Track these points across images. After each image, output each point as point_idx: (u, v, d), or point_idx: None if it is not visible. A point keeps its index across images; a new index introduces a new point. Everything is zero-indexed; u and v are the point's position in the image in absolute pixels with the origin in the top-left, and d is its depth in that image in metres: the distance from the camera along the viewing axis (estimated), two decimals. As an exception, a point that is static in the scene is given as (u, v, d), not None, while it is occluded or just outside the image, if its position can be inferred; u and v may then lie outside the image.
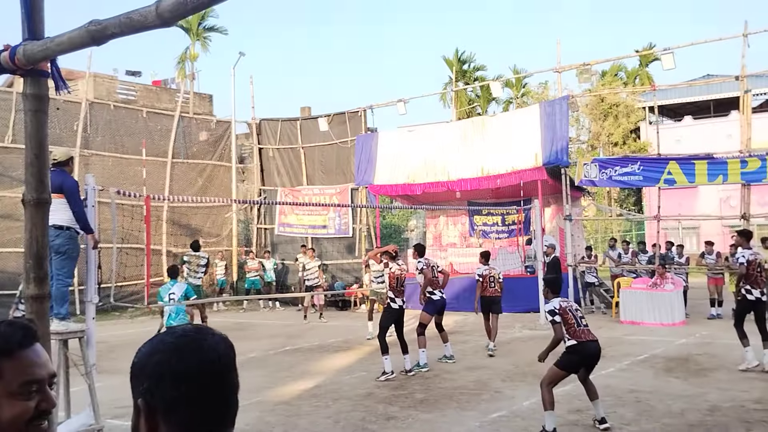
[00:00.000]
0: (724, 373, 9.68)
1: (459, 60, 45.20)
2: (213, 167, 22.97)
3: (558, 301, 7.28)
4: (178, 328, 1.42)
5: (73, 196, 6.95)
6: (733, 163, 15.87)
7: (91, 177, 7.92)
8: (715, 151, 17.00)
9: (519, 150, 18.19)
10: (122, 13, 2.01)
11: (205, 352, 1.34)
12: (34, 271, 3.01)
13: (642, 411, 7.85)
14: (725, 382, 9.14)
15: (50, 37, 2.45)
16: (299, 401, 8.90)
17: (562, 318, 7.11)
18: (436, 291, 11.23)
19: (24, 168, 2.92)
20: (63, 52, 2.42)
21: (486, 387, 9.37)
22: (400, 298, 10.59)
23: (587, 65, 18.69)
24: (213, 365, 1.34)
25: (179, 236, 21.52)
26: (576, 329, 7.11)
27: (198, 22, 36.94)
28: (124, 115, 21.00)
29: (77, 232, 7.20)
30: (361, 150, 20.99)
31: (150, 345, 1.39)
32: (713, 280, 16.48)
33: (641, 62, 42.35)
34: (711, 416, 7.58)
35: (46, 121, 2.79)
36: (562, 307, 7.17)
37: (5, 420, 1.41)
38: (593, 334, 7.27)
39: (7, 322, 1.50)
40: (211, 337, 1.38)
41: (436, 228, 22.92)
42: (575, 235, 19.01)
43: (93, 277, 7.65)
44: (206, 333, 1.39)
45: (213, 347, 1.36)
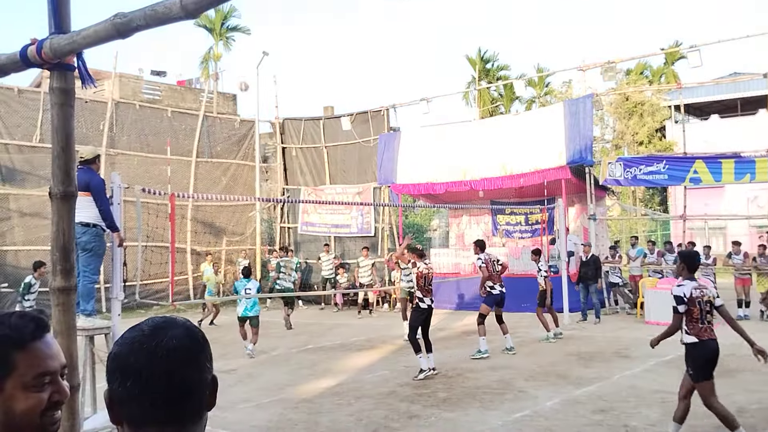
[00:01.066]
0: (752, 375, 9.54)
1: (482, 59, 45.02)
2: (237, 166, 23.11)
3: (691, 287, 6.40)
4: (144, 322, 1.39)
5: (100, 194, 7.03)
6: (761, 162, 15.64)
7: (117, 175, 8.00)
8: (743, 150, 16.77)
9: (542, 149, 18.08)
10: (147, 6, 2.02)
11: (153, 349, 1.31)
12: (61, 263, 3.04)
13: (667, 412, 7.75)
14: (753, 383, 9.02)
15: (76, 30, 2.48)
16: (321, 399, 8.92)
17: (687, 309, 6.36)
18: (496, 285, 11.95)
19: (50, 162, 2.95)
20: (89, 45, 2.44)
21: (509, 386, 9.32)
22: (428, 298, 10.54)
23: (612, 63, 18.50)
24: (163, 361, 1.31)
25: (203, 234, 21.70)
26: (698, 325, 6.39)
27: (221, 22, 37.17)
28: (149, 114, 21.20)
29: (103, 229, 7.28)
30: (383, 149, 20.99)
31: (120, 338, 1.38)
32: (740, 280, 16.25)
33: (667, 60, 41.87)
34: (739, 417, 7.46)
35: (72, 114, 2.82)
36: (693, 297, 6.34)
37: (20, 412, 1.42)
38: (714, 333, 6.51)
39: (19, 314, 1.49)
40: (172, 331, 1.34)
41: (458, 227, 22.85)
42: (599, 234, 18.85)
43: (118, 274, 7.73)
44: (168, 327, 1.35)
45: (164, 344, 1.32)
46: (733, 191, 30.63)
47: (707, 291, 6.49)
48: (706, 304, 6.42)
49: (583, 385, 9.21)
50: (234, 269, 22.16)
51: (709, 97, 37.19)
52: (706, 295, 6.44)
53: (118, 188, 7.75)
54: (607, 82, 20.74)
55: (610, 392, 8.75)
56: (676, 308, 6.42)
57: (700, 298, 6.38)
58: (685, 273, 6.59)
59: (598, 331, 14.53)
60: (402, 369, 10.73)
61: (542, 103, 41.51)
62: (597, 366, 10.62)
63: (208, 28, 38.01)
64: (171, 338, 1.33)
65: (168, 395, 1.31)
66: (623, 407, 7.99)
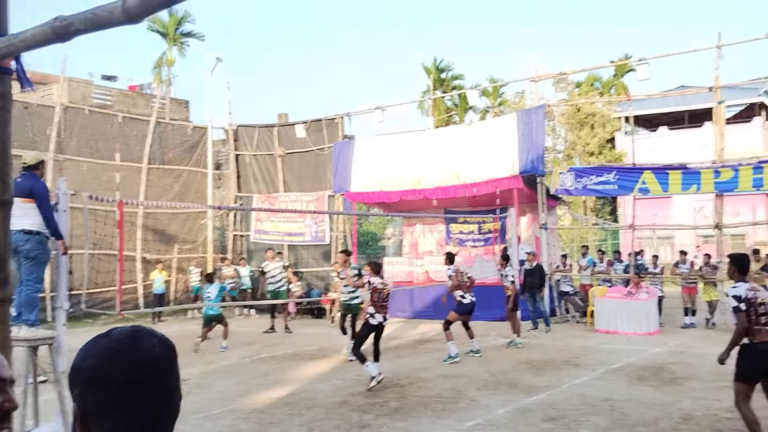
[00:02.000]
0: (698, 382, 9.75)
1: (437, 68, 45.39)
2: (189, 173, 22.79)
3: (745, 288, 6.19)
4: (114, 330, 1.35)
5: (43, 201, 6.83)
6: (706, 173, 16.05)
7: (63, 181, 7.80)
8: (689, 162, 17.19)
9: (495, 159, 18.26)
10: (88, 9, 1.96)
11: (138, 356, 1.28)
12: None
13: (616, 419, 7.87)
14: (698, 390, 9.21)
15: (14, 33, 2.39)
16: (273, 409, 8.82)
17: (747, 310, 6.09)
18: (467, 294, 12.36)
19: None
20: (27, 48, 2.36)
21: (461, 395, 9.34)
22: (380, 314, 10.39)
23: (564, 75, 18.82)
24: (146, 370, 1.28)
25: (154, 242, 21.32)
26: (752, 328, 6.12)
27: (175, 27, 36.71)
28: (100, 119, 20.78)
29: (47, 237, 7.07)
30: (338, 157, 20.94)
31: (85, 349, 1.33)
32: (687, 289, 16.63)
33: (617, 73, 42.82)
34: (684, 425, 7.62)
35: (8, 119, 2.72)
36: (748, 298, 6.11)
37: None
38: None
39: None
40: (148, 340, 1.32)
41: (412, 236, 22.91)
42: (551, 244, 19.09)
43: (64, 283, 7.52)
44: (142, 336, 1.33)
45: (147, 351, 1.30)
46: (680, 202, 31.40)
47: (761, 293, 6.28)
48: (760, 305, 6.18)
49: (534, 394, 9.29)
50: (186, 277, 21.83)
51: (657, 110, 38.09)
52: (759, 297, 6.22)
53: (64, 195, 7.54)
54: (559, 93, 21.14)
55: (561, 400, 8.84)
56: (738, 307, 6.15)
57: (755, 299, 6.19)
58: (737, 276, 6.45)
59: (549, 339, 14.69)
60: (354, 379, 10.68)
61: (496, 114, 41.98)
62: (548, 374, 10.73)
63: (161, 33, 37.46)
64: (151, 346, 1.31)
65: (153, 404, 1.29)
66: (573, 415, 8.08)
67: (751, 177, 15.55)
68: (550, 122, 30.45)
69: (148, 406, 1.28)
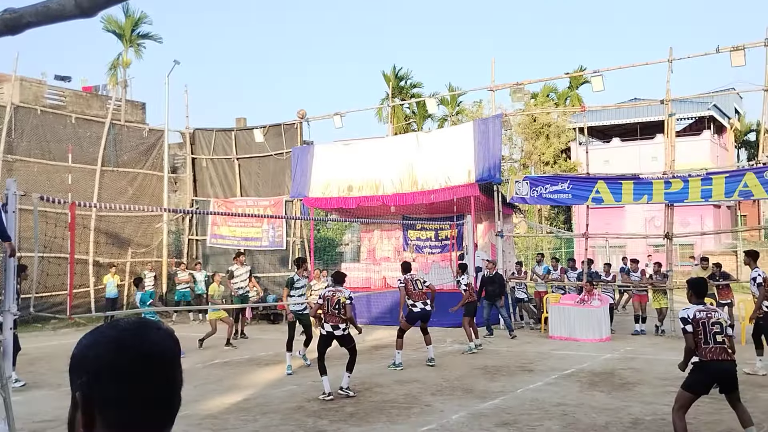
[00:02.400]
0: (647, 387, 9.94)
1: (396, 76, 45.56)
2: (144, 176, 22.45)
3: (695, 309, 6.64)
4: (121, 321, 1.34)
5: (-10, 201, 6.67)
6: (657, 184, 16.42)
7: (13, 182, 7.63)
8: (641, 172, 17.57)
9: (453, 166, 18.42)
10: (40, 2, 1.92)
11: (144, 348, 1.27)
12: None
13: (568, 424, 7.99)
14: (648, 396, 9.39)
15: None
16: (227, 415, 8.73)
17: (693, 329, 6.53)
18: (418, 302, 12.33)
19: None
20: (-24, 40, 2.31)
21: (416, 401, 9.37)
22: (329, 323, 9.90)
23: (520, 85, 19.08)
24: (155, 362, 1.27)
25: (107, 245, 20.91)
26: (702, 346, 6.49)
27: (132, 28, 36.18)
28: (52, 120, 20.33)
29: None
30: (296, 162, 20.87)
31: (91, 337, 1.31)
32: (638, 297, 16.95)
33: (572, 84, 43.55)
34: (634, 429, 7.77)
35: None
36: (696, 318, 6.54)
37: None
38: (729, 354, 6.56)
39: None
40: (156, 332, 1.31)
41: (370, 242, 22.94)
42: (506, 251, 19.31)
43: (11, 286, 7.34)
44: (151, 327, 1.32)
45: (157, 342, 1.29)
46: (632, 212, 32.08)
47: (715, 314, 6.70)
48: (713, 325, 6.54)
49: (488, 399, 9.37)
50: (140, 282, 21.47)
51: (611, 121, 38.88)
52: (713, 317, 6.60)
53: (14, 195, 7.38)
54: (516, 103, 21.41)
55: (514, 405, 8.93)
56: (684, 329, 6.63)
57: (706, 319, 6.55)
58: (693, 299, 6.89)
59: (504, 345, 14.83)
60: (310, 384, 10.64)
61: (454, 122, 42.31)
62: (502, 380, 10.83)
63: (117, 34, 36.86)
64: (158, 339, 1.30)
65: (160, 397, 1.28)
66: (526, 420, 8.17)
67: (700, 188, 15.96)
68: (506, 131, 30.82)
69: (152, 398, 1.27)
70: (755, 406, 8.64)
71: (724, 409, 8.42)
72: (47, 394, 10.08)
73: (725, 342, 6.58)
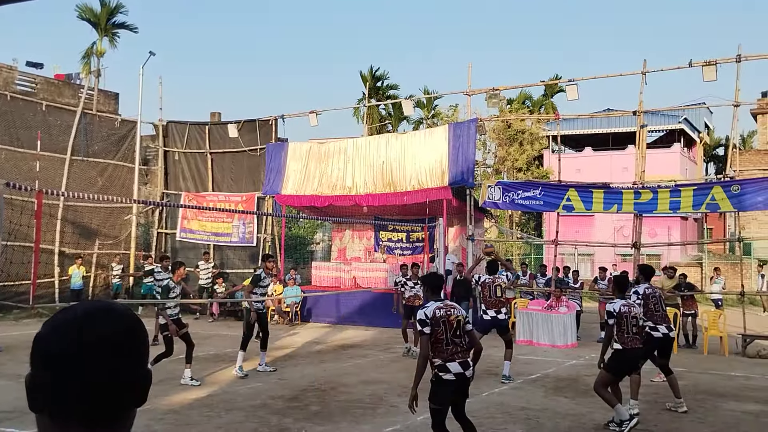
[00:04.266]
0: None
1: (373, 76, 45.52)
2: (115, 167, 22.16)
3: (620, 304, 7.59)
4: (77, 305, 1.28)
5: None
6: (627, 194, 16.61)
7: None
8: (612, 182, 17.76)
9: (427, 169, 18.46)
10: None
11: (82, 334, 1.21)
12: None
13: (531, 428, 8.05)
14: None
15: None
16: (190, 410, 8.64)
17: (617, 322, 7.45)
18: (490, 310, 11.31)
19: None
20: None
21: (381, 401, 9.37)
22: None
23: (496, 90, 19.18)
24: (92, 349, 1.20)
25: (73, 235, 20.59)
26: (624, 336, 7.53)
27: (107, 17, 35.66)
28: (22, 107, 19.98)
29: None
30: (270, 159, 20.76)
31: (48, 320, 1.28)
32: (605, 304, 17.10)
33: (546, 92, 43.88)
34: (595, 434, 7.84)
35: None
36: (621, 312, 7.48)
37: None
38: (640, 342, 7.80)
39: None
40: (107, 317, 1.25)
41: (341, 241, 22.89)
42: (477, 255, 19.36)
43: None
44: (103, 313, 1.25)
45: (100, 330, 1.22)
46: (602, 221, 32.41)
47: (635, 309, 7.80)
48: (632, 318, 7.61)
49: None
50: (106, 274, 21.20)
51: (584, 130, 39.28)
52: (632, 312, 7.67)
53: (-21, 181, 7.24)
54: (491, 108, 21.49)
55: (479, 408, 8.96)
56: (607, 322, 7.60)
57: (629, 313, 7.59)
58: (617, 294, 7.93)
59: (471, 349, 14.86)
60: (275, 381, 10.59)
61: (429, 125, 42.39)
62: (468, 383, 10.85)
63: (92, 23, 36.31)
64: (104, 325, 1.23)
65: (95, 386, 1.20)
66: (490, 423, 8.21)
67: (668, 200, 16.18)
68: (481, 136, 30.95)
69: (91, 388, 1.20)
70: (715, 416, 8.78)
71: (684, 418, 8.56)
72: (7, 384, 9.91)
73: (639, 333, 7.81)
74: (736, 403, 9.59)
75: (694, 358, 13.84)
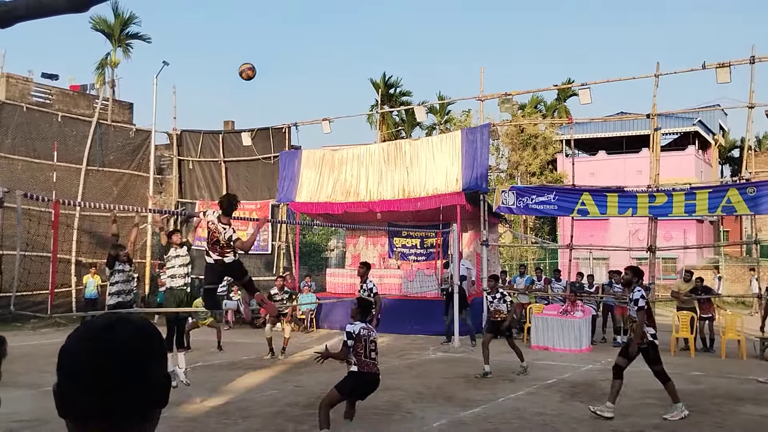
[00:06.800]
0: (626, 400, 9.97)
1: (386, 84, 45.64)
2: (130, 177, 22.33)
3: (360, 327, 7.38)
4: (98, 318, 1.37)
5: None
6: (642, 197, 16.53)
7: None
8: (626, 185, 17.68)
9: (440, 174, 18.47)
10: (33, -4, 1.93)
11: (104, 343, 1.29)
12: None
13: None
14: (626, 408, 9.43)
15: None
16: (207, 418, 8.68)
17: (354, 344, 7.26)
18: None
19: None
20: (-34, 33, 2.30)
21: (398, 407, 9.37)
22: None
23: (509, 95, 19.18)
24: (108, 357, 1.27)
25: (90, 245, 20.75)
26: (362, 359, 7.29)
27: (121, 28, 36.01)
28: (38, 118, 20.20)
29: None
30: (284, 166, 20.86)
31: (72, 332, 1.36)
32: (620, 309, 16.99)
33: (559, 96, 43.80)
34: (613, 439, 7.80)
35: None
36: (359, 335, 7.30)
37: None
38: (377, 368, 7.46)
39: None
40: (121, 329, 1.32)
41: (355, 248, 22.92)
42: (491, 260, 19.34)
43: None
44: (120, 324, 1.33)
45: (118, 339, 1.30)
46: (616, 224, 32.27)
47: (373, 333, 7.54)
48: (371, 342, 7.37)
49: (470, 407, 9.38)
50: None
51: (597, 134, 39.12)
52: (371, 336, 7.44)
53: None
54: (503, 113, 21.50)
55: (495, 414, 8.95)
56: (345, 342, 7.31)
57: (367, 336, 7.35)
58: (358, 317, 7.60)
59: (487, 354, 14.82)
60: (291, 389, 10.61)
61: (442, 131, 42.43)
62: (483, 388, 10.84)
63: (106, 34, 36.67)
64: (118, 335, 1.31)
65: (115, 392, 1.28)
66: (506, 429, 8.19)
67: (683, 203, 16.09)
68: (494, 141, 30.94)
69: (110, 394, 1.27)
70: (733, 420, 8.72)
71: (703, 422, 8.49)
72: (25, 393, 9.99)
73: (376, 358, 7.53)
74: (755, 406, 9.51)
75: (711, 362, 13.73)
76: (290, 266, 21.19)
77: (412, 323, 17.62)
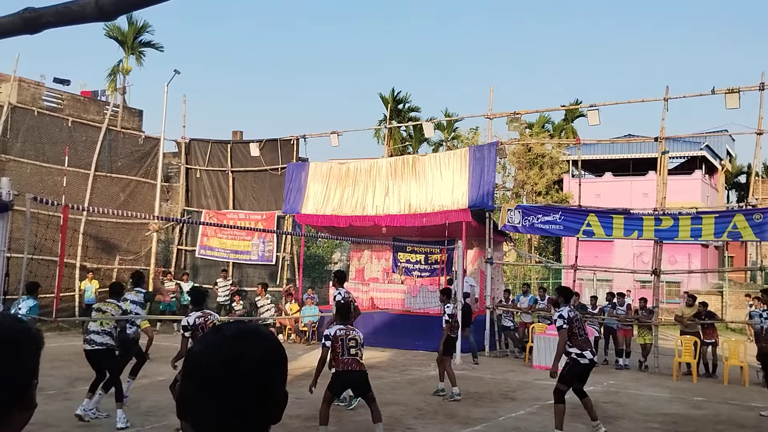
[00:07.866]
0: (628, 422, 9.96)
1: (394, 99, 45.79)
2: (137, 183, 22.41)
3: (336, 329, 7.83)
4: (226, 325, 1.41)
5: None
6: (648, 220, 16.52)
7: (6, 180, 7.63)
8: (632, 208, 17.66)
9: (446, 191, 18.50)
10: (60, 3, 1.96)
11: (234, 355, 1.32)
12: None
13: (548, 454, 7.97)
14: (629, 429, 9.41)
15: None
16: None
17: (332, 344, 7.73)
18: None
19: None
20: (-7, 38, 2.33)
21: (399, 423, 9.35)
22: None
23: (517, 114, 19.23)
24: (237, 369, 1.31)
25: (95, 250, 20.81)
26: (339, 358, 7.72)
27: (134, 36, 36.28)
28: (48, 122, 20.33)
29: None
30: (291, 178, 20.92)
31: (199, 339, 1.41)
32: (622, 331, 16.96)
33: (567, 116, 43.86)
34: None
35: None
36: (336, 336, 7.75)
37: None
38: (360, 364, 7.89)
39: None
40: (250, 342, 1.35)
41: (359, 261, 22.92)
42: (495, 278, 19.32)
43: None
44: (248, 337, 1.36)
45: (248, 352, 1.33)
46: (621, 246, 32.21)
47: (353, 332, 7.98)
48: (350, 341, 7.80)
49: (470, 425, 9.35)
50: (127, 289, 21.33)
51: (604, 155, 39.12)
52: (349, 335, 7.85)
53: (7, 194, 7.38)
54: (511, 132, 21.57)
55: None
56: (324, 344, 7.82)
57: (343, 336, 7.78)
58: (338, 320, 8.10)
59: (487, 372, 14.80)
60: (292, 401, 10.54)
61: (450, 147, 42.49)
62: (485, 406, 10.81)
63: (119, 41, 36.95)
64: (251, 348, 1.34)
65: (239, 403, 1.31)
66: (507, 448, 8.15)
67: (690, 227, 16.06)
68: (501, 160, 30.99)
69: (235, 405, 1.30)
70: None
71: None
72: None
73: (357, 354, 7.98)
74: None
75: (714, 388, 13.66)
76: (294, 278, 21.21)
77: (415, 339, 17.57)
